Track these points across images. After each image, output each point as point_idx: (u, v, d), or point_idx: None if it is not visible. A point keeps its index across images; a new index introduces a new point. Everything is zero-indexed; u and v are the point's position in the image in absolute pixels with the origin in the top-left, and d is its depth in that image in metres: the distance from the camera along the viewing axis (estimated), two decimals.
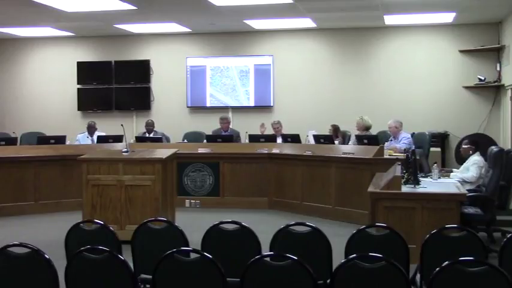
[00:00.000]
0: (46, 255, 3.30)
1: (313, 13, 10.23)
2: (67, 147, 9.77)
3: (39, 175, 9.19)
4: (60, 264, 3.37)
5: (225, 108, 12.23)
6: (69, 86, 12.75)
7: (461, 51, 11.39)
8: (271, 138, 9.99)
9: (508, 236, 3.85)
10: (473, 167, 7.27)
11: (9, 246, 3.40)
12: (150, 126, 11.15)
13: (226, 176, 9.49)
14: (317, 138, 9.56)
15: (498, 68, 11.13)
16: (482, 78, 11.19)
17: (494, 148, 7.29)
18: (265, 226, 4.48)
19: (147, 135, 10.96)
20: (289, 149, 9.49)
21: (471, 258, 3.07)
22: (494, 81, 11.11)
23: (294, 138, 9.84)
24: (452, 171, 7.70)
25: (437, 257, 3.27)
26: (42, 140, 9.98)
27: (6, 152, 9.27)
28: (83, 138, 10.77)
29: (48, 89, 12.95)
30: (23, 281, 3.31)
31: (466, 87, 11.38)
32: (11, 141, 9.96)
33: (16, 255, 3.38)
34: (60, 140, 9.87)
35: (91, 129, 10.82)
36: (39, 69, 13.07)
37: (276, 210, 9.10)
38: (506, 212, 7.17)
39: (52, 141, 9.79)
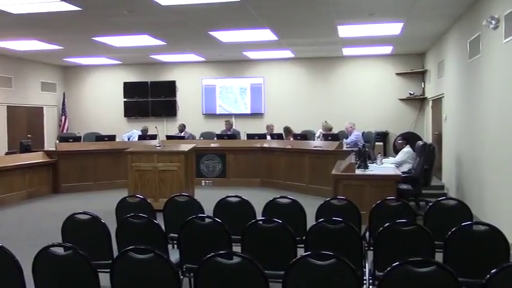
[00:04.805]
0: (102, 220, 3.30)
1: (292, 47, 10.21)
2: (117, 143, 9.72)
3: (97, 163, 9.17)
4: (112, 227, 3.36)
5: (229, 115, 12.18)
6: (117, 99, 12.69)
7: (397, 74, 11.39)
8: (262, 136, 9.98)
9: (430, 204, 3.87)
10: (400, 154, 7.36)
11: (76, 214, 3.40)
12: (181, 127, 11.15)
13: (230, 163, 9.47)
14: (295, 136, 9.57)
15: (423, 86, 11.14)
16: (412, 92, 11.22)
17: (420, 142, 7.32)
18: (258, 199, 4.46)
19: (179, 134, 10.92)
20: (275, 144, 9.47)
21: (404, 220, 3.08)
22: (420, 95, 11.13)
23: (279, 136, 9.83)
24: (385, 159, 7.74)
25: (381, 220, 3.28)
26: (99, 138, 10.01)
27: (73, 147, 9.28)
28: (131, 136, 10.72)
29: (103, 101, 12.87)
30: (86, 238, 3.31)
31: (401, 99, 11.38)
32: (77, 139, 9.95)
33: (81, 220, 3.37)
34: (112, 138, 9.85)
35: (145, 132, 10.70)
36: (96, 87, 12.99)
37: (266, 187, 9.09)
38: (429, 188, 7.19)
39: (106, 138, 9.80)
